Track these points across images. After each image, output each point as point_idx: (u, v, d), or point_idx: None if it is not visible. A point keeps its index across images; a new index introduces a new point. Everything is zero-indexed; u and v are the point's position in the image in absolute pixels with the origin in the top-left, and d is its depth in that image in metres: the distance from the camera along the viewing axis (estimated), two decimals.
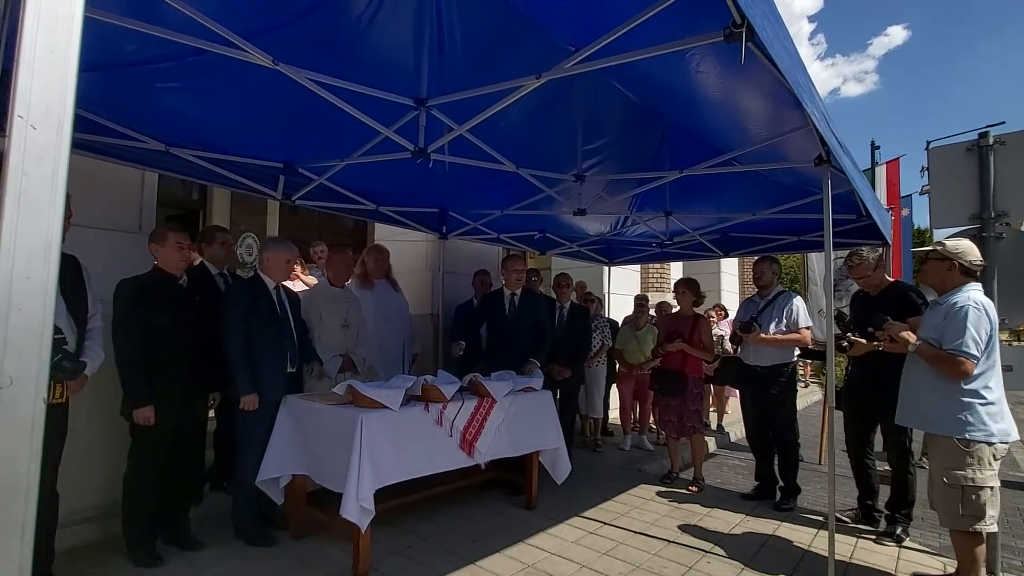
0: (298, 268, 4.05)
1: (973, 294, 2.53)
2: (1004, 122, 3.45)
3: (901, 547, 3.21)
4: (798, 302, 3.95)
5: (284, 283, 3.17)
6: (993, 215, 3.19)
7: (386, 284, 4.27)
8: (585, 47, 2.06)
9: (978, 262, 2.61)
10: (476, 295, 4.91)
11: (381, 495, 2.67)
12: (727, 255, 5.85)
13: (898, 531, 3.29)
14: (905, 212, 6.49)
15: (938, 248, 2.64)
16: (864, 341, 3.25)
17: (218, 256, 3.36)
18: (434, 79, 2.54)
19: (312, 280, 4.45)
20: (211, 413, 3.21)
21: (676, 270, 9.29)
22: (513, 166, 3.44)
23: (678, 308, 4.48)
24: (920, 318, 2.88)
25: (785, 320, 3.89)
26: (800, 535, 3.38)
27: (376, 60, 2.39)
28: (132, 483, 2.65)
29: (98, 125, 2.79)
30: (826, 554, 2.57)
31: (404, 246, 5.55)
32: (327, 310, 3.40)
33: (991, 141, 3.25)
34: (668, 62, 2.21)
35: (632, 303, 5.78)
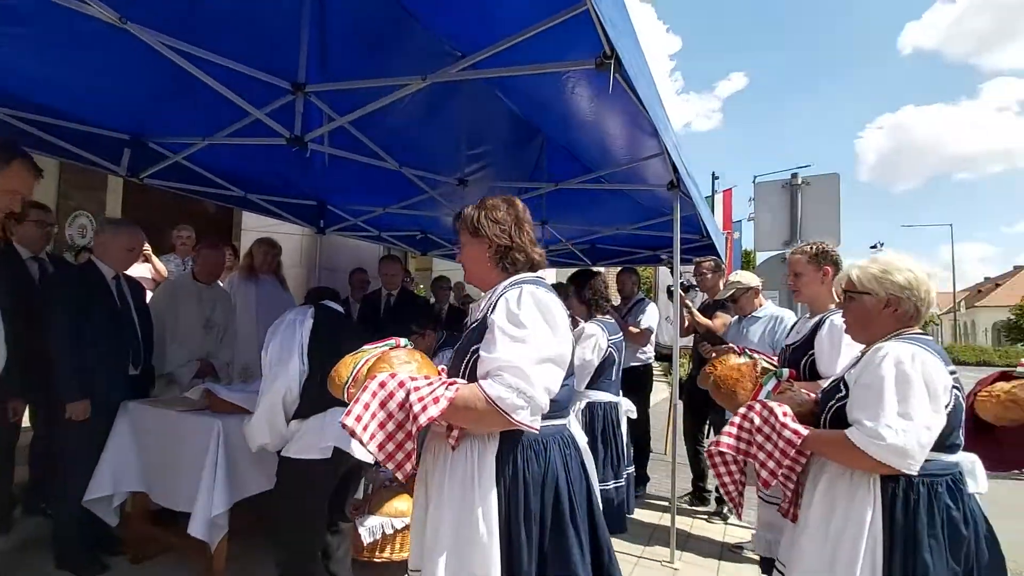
0: (148, 248, 3.55)
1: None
2: (811, 164, 4.28)
3: (727, 524, 3.75)
4: (651, 308, 4.42)
5: (126, 271, 2.79)
6: (800, 243, 3.90)
7: (274, 281, 3.94)
8: (471, 55, 2.13)
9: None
10: (353, 294, 4.76)
11: (239, 508, 2.46)
12: (595, 264, 6.33)
13: (724, 510, 3.83)
14: (736, 235, 7.61)
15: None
16: (699, 315, 3.89)
17: (32, 237, 2.85)
18: (314, 64, 2.41)
19: (161, 267, 3.94)
20: (25, 423, 2.71)
21: (550, 276, 9.82)
22: (396, 164, 3.41)
23: None
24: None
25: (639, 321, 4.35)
26: (648, 516, 3.80)
27: (249, 34, 2.22)
28: None
29: None
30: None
31: (277, 239, 5.16)
32: (186, 307, 3.04)
33: (799, 181, 3.97)
34: (547, 81, 2.38)
35: None
